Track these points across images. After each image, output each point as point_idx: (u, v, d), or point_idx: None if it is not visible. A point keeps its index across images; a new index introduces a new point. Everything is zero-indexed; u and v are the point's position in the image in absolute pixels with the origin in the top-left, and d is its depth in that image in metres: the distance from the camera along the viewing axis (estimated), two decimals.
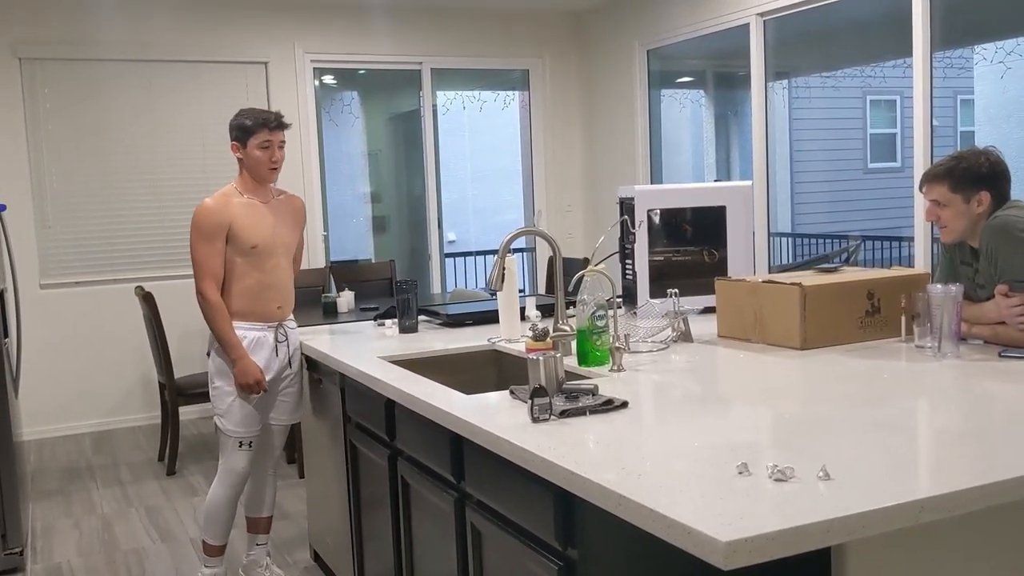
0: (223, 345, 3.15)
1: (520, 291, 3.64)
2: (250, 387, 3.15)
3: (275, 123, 3.17)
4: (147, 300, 4.95)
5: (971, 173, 2.54)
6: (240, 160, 3.19)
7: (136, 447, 5.63)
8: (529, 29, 7.21)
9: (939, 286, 2.42)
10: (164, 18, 6.11)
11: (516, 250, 8.29)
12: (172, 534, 4.11)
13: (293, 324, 3.35)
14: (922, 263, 4.72)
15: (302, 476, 4.54)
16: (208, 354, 3.25)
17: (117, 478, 4.99)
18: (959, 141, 10.96)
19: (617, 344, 2.44)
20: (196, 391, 4.90)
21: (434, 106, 7.11)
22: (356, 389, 2.80)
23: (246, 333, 3.17)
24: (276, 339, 3.24)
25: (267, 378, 3.22)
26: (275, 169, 3.20)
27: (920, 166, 4.66)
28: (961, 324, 2.44)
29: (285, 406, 3.35)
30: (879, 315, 2.66)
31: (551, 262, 5.70)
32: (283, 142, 3.21)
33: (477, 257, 9.61)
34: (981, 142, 10.11)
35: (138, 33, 6.06)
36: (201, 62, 6.25)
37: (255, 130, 3.14)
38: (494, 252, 2.82)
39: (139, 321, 5.30)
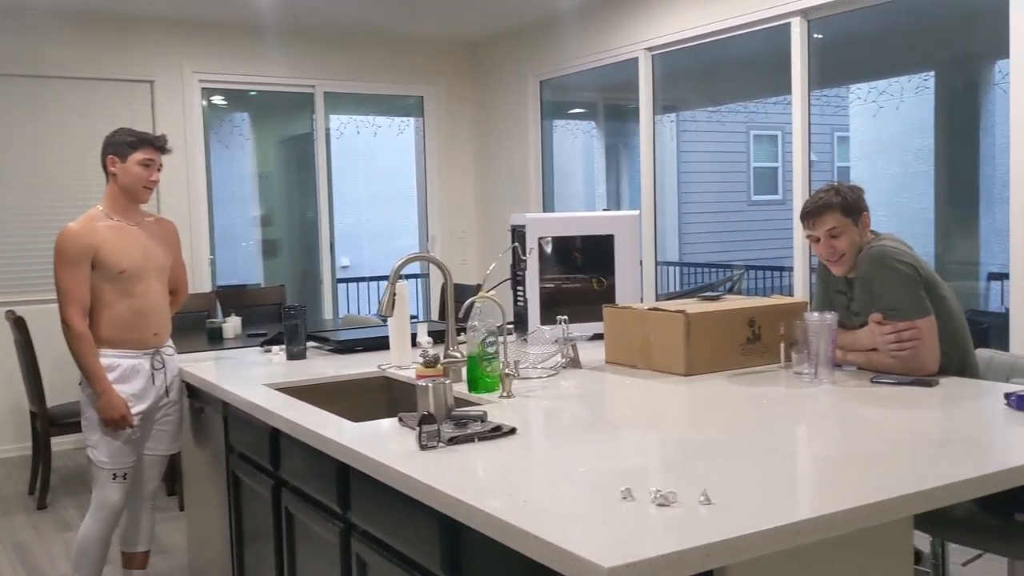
0: (87, 376, 3.02)
1: (413, 317, 3.62)
2: (114, 422, 3.02)
3: (161, 144, 3.10)
4: (18, 324, 4.72)
5: (852, 197, 2.65)
6: (113, 176, 3.08)
7: (5, 479, 5.32)
8: (424, 56, 7.22)
9: (815, 314, 2.51)
10: (46, 32, 5.87)
11: (410, 276, 8.24)
12: (42, 572, 3.89)
13: (171, 350, 3.24)
14: (801, 292, 4.90)
15: (183, 508, 4.37)
16: (80, 383, 3.11)
17: None
18: (836, 175, 11.47)
19: (507, 370, 2.44)
20: (70, 420, 4.67)
21: (327, 130, 7.03)
22: (240, 418, 2.71)
23: (120, 361, 3.05)
24: (152, 366, 3.12)
25: (143, 407, 3.10)
26: (150, 189, 3.11)
27: (799, 199, 4.84)
28: (836, 351, 2.54)
29: (163, 436, 3.23)
30: (760, 342, 2.75)
31: (444, 288, 5.69)
32: (161, 166, 3.13)
33: (371, 282, 9.51)
34: (856, 177, 10.61)
35: (18, 47, 5.81)
36: (84, 79, 6.03)
37: (139, 146, 3.05)
38: (388, 278, 2.80)
39: (9, 346, 5.04)
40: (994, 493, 1.68)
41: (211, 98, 6.94)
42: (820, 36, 4.93)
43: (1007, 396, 2.14)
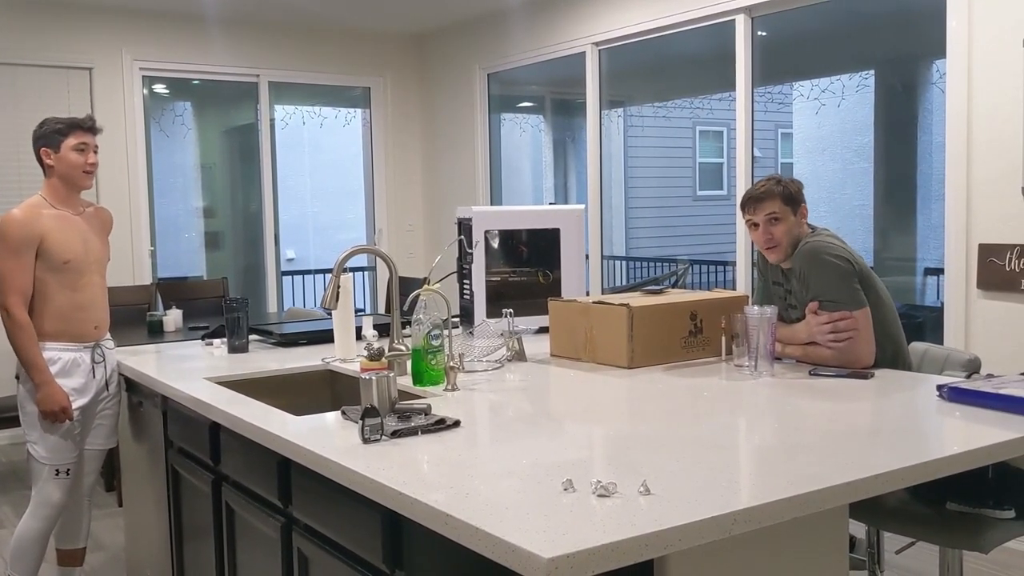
0: (27, 368, 2.94)
1: (359, 310, 3.59)
2: (55, 415, 2.95)
3: (90, 124, 3.03)
4: None
5: (792, 188, 2.72)
6: (51, 167, 3.00)
7: None
8: (371, 47, 7.17)
9: (756, 308, 2.55)
10: None
11: (357, 269, 8.18)
12: None
13: (110, 344, 3.18)
14: (743, 286, 4.96)
15: (121, 504, 4.29)
16: (17, 377, 3.04)
17: None
18: (779, 171, 11.61)
19: (452, 363, 2.44)
20: (3, 415, 4.56)
21: (272, 120, 6.95)
22: (179, 412, 2.67)
23: (60, 354, 2.99)
24: (93, 360, 3.06)
25: (84, 401, 3.04)
26: (90, 173, 3.04)
27: (742, 194, 4.90)
28: (776, 344, 2.58)
29: (102, 430, 3.17)
30: (701, 335, 2.78)
31: (390, 281, 5.66)
32: (97, 147, 3.06)
33: (317, 275, 9.42)
34: (798, 173, 10.79)
35: None
36: (19, 65, 5.86)
37: (69, 132, 2.98)
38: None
39: None
40: (926, 482, 1.72)
41: (152, 86, 6.81)
42: (764, 33, 5.00)
43: (939, 388, 2.19)
